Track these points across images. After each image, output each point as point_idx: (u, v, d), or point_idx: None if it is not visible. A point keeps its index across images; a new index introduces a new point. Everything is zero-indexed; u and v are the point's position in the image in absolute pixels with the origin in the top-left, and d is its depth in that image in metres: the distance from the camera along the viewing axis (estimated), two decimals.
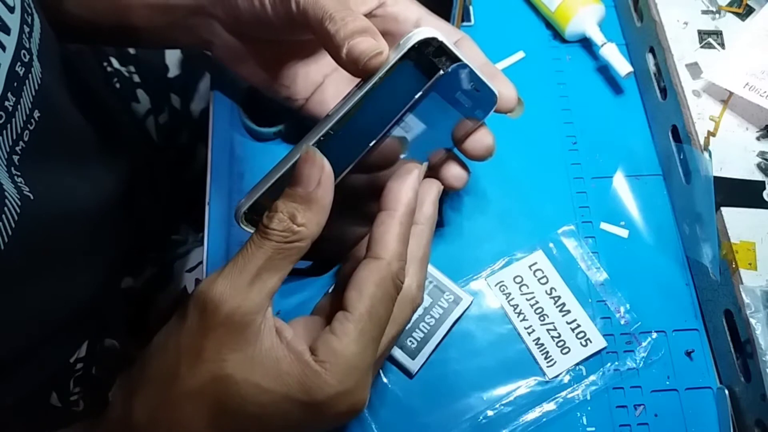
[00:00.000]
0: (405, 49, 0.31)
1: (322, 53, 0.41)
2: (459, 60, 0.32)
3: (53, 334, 0.42)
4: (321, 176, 0.29)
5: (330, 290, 0.39)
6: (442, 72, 0.32)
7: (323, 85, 0.42)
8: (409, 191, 0.31)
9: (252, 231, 0.30)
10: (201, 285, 0.28)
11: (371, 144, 0.32)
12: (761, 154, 0.42)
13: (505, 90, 0.36)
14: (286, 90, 0.42)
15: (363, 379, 0.29)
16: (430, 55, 0.32)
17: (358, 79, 0.32)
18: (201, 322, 0.27)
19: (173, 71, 0.63)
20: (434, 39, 0.31)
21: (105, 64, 0.59)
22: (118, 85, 0.59)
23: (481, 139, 0.36)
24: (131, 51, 0.61)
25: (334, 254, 0.38)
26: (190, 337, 0.28)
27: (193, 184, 0.56)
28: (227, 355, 0.27)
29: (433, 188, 0.34)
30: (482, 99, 0.35)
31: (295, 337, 0.29)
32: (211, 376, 0.27)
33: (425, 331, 0.40)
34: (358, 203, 0.35)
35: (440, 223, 0.44)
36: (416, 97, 0.32)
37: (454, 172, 0.37)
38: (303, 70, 0.41)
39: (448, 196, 0.45)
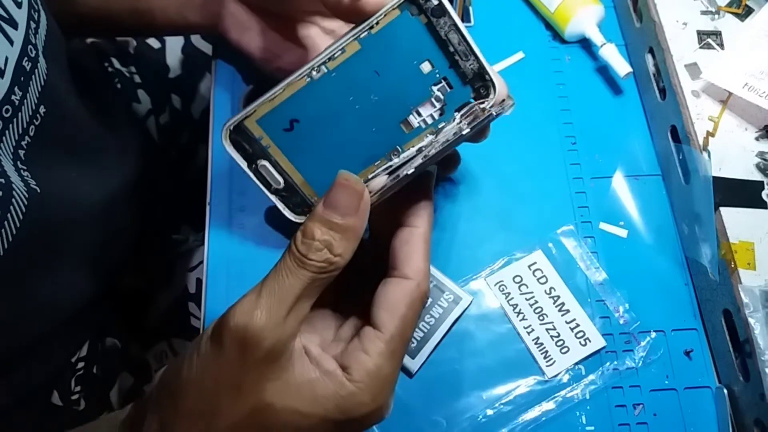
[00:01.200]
0: None
1: (330, 22, 0.42)
2: (456, 25, 0.31)
3: (55, 332, 0.42)
4: (360, 204, 0.28)
5: None
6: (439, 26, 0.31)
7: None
8: (429, 206, 0.31)
9: (234, 152, 0.32)
10: (237, 316, 0.27)
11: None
12: (760, 154, 0.43)
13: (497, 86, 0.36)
14: (279, 61, 0.43)
15: (392, 393, 0.30)
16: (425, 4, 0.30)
17: None
18: (242, 358, 0.27)
19: (174, 72, 0.63)
20: None
21: (106, 64, 0.59)
22: (119, 86, 0.60)
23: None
24: (132, 51, 0.61)
25: None
26: (229, 372, 0.27)
27: (194, 183, 0.56)
28: (266, 384, 0.27)
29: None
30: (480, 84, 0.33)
31: (322, 355, 0.29)
32: (251, 408, 0.27)
33: (425, 330, 0.40)
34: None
35: (440, 224, 0.44)
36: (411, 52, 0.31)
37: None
38: (310, 42, 0.42)
39: (449, 198, 0.45)
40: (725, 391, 0.39)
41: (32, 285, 0.37)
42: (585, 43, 0.51)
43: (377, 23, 0.31)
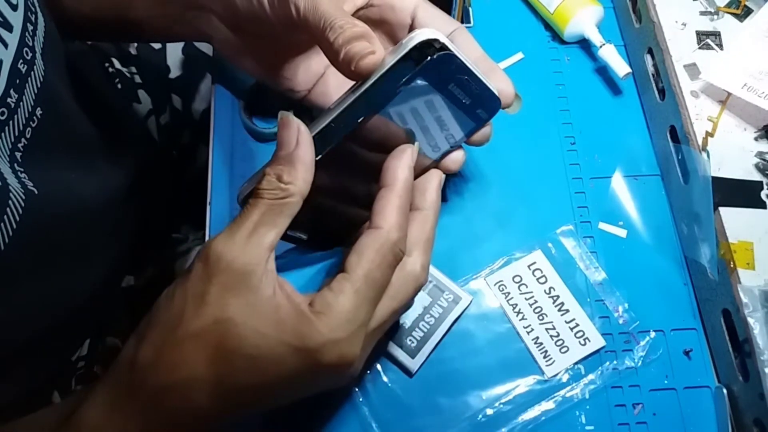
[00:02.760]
0: (406, 50, 0.31)
1: (315, 60, 0.42)
2: (461, 63, 0.33)
3: (55, 331, 0.42)
4: (298, 137, 0.31)
5: None
6: (443, 74, 0.33)
7: (325, 75, 0.42)
8: (405, 168, 0.33)
9: None
10: (205, 243, 0.30)
11: (360, 120, 0.33)
12: (759, 154, 0.43)
13: (503, 86, 0.37)
14: (287, 82, 0.42)
15: (354, 334, 0.30)
16: (430, 59, 0.32)
17: None
18: (204, 270, 0.29)
19: (174, 72, 0.63)
20: (436, 40, 0.32)
21: (107, 65, 0.60)
22: (119, 86, 0.60)
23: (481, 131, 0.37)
24: (132, 52, 0.61)
25: (341, 234, 0.39)
26: (194, 284, 0.30)
27: (195, 183, 0.56)
28: (229, 300, 0.29)
29: (435, 176, 0.36)
30: (484, 100, 0.35)
31: (295, 292, 0.31)
32: (213, 319, 0.29)
33: (425, 330, 0.40)
34: (369, 189, 0.36)
35: (440, 224, 0.44)
36: (417, 95, 0.33)
37: (449, 156, 0.38)
38: (304, 63, 0.42)
39: (449, 198, 0.45)
40: (724, 390, 0.39)
41: (31, 285, 0.37)
42: (584, 44, 0.52)
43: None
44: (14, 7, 0.34)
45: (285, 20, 0.35)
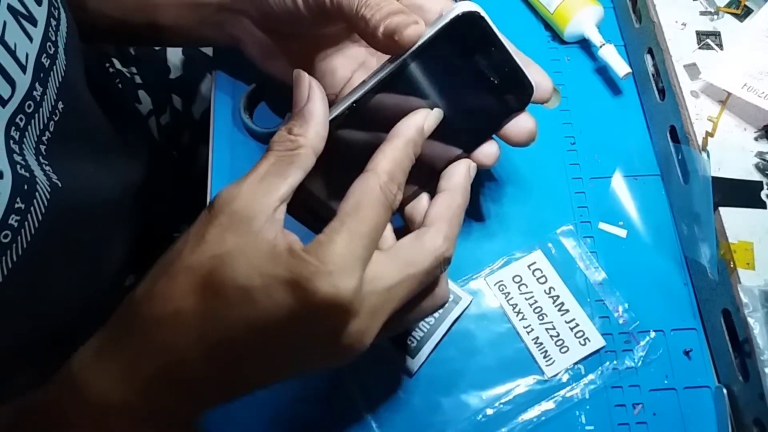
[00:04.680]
0: (448, 19, 0.31)
1: (350, 48, 0.41)
2: (498, 41, 0.32)
3: (65, 329, 0.42)
4: (309, 92, 0.31)
5: None
6: (479, 51, 0.32)
7: (351, 80, 0.42)
8: (411, 125, 0.32)
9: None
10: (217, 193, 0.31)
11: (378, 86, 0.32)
12: (759, 154, 0.43)
13: (539, 78, 0.35)
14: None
15: (350, 267, 0.28)
16: (469, 33, 0.32)
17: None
18: (209, 214, 0.29)
19: (175, 72, 0.63)
20: (477, 13, 0.32)
21: (107, 65, 0.60)
22: (120, 86, 0.60)
23: (523, 123, 0.35)
24: (132, 52, 0.61)
25: None
26: (197, 226, 0.29)
27: (194, 183, 0.56)
28: (228, 238, 0.29)
29: (462, 163, 0.34)
30: (518, 87, 0.34)
31: (298, 241, 0.30)
32: (209, 254, 0.28)
33: (425, 330, 0.41)
34: None
35: None
36: (450, 72, 0.32)
37: (483, 149, 0.36)
38: (330, 66, 0.41)
39: None
40: (724, 390, 0.39)
41: (53, 278, 0.38)
42: (584, 44, 0.52)
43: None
44: (39, 2, 0.34)
45: (318, 11, 0.36)
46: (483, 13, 0.32)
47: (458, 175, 0.34)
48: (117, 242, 0.47)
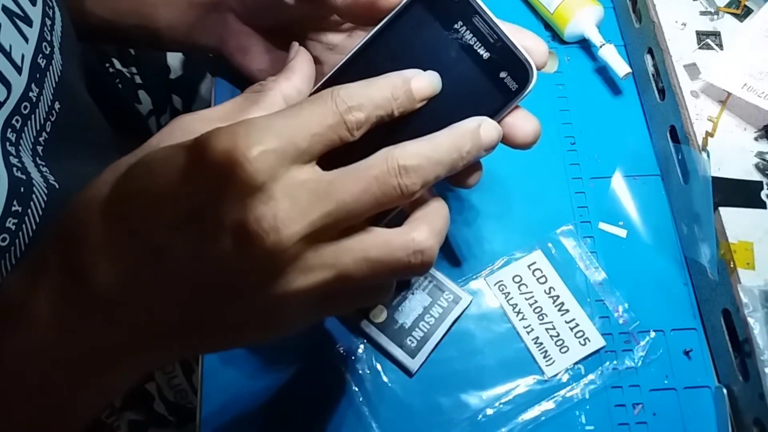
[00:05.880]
0: None
1: (326, 42, 0.41)
2: (481, 9, 0.30)
3: None
4: (296, 54, 0.30)
5: None
6: (462, 19, 0.30)
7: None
8: (401, 73, 0.29)
9: None
10: None
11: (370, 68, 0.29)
12: (759, 154, 0.43)
13: (531, 43, 0.31)
14: None
15: (259, 129, 0.24)
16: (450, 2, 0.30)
17: None
18: (168, 127, 0.28)
19: (175, 72, 0.63)
20: None
21: (107, 65, 0.60)
22: (120, 86, 0.60)
23: (525, 123, 0.31)
24: (132, 52, 0.62)
25: None
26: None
27: None
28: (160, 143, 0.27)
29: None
30: (508, 60, 0.30)
31: None
32: (133, 159, 0.26)
33: (425, 330, 0.41)
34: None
35: None
36: (435, 43, 0.30)
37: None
38: (315, 56, 0.42)
39: (448, 199, 0.45)
40: (724, 390, 0.39)
41: None
42: (584, 44, 0.52)
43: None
44: (33, 2, 0.34)
45: None
46: None
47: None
48: None
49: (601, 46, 0.49)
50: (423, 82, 0.29)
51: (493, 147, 0.30)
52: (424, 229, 0.27)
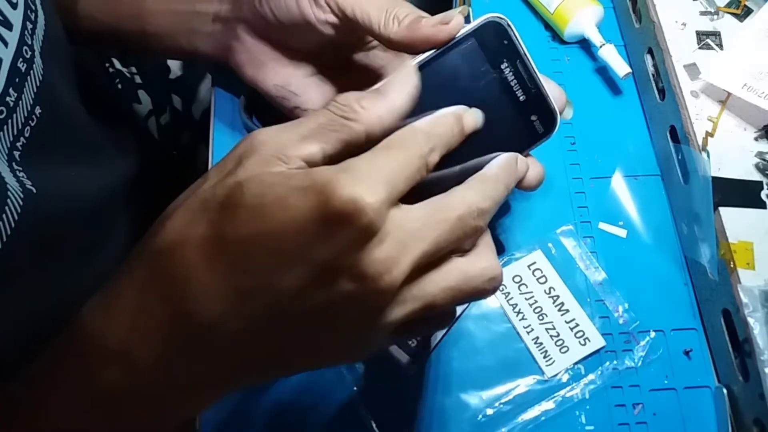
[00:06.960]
0: (478, 23, 0.32)
1: (340, 67, 0.41)
2: (524, 55, 0.33)
3: (54, 332, 0.42)
4: (405, 81, 0.29)
5: None
6: (506, 60, 0.33)
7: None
8: (454, 108, 0.31)
9: None
10: None
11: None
12: (759, 154, 0.43)
13: (557, 94, 0.35)
14: (297, 99, 0.42)
15: (372, 179, 0.25)
16: (496, 41, 0.33)
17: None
18: (236, 149, 0.27)
19: (175, 72, 0.63)
20: (505, 20, 0.33)
21: (107, 65, 0.60)
22: (119, 86, 0.60)
23: (532, 167, 0.34)
24: None
25: None
26: (219, 162, 0.28)
27: None
28: (249, 170, 0.26)
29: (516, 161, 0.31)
30: (539, 104, 0.34)
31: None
32: (234, 182, 0.26)
33: None
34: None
35: None
36: (479, 80, 0.33)
37: (532, 167, 0.34)
38: (317, 80, 0.41)
39: None
40: (724, 390, 0.39)
41: (29, 284, 0.37)
42: (584, 44, 0.52)
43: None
44: (14, 6, 0.34)
45: (329, 22, 0.36)
46: (510, 24, 0.33)
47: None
48: (106, 246, 0.47)
49: (601, 46, 0.49)
50: (471, 119, 0.31)
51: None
52: (491, 256, 0.30)
